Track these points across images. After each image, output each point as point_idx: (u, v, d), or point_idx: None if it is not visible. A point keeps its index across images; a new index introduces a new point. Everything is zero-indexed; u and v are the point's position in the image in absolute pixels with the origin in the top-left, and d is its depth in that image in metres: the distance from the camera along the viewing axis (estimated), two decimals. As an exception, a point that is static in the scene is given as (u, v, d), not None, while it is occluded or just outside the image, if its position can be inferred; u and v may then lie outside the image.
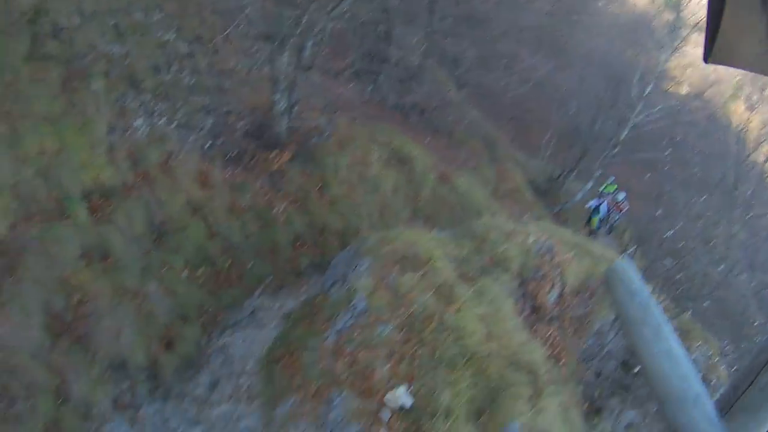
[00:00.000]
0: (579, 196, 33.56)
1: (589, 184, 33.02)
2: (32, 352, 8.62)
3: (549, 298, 13.38)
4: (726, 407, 2.69)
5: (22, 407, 8.07)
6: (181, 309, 12.37)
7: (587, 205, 29.82)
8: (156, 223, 12.77)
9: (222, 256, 13.91)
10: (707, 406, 2.76)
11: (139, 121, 13.09)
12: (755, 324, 23.20)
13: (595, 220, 27.85)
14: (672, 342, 2.99)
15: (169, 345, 11.65)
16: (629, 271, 3.29)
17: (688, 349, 15.53)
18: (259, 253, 14.69)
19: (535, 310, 13.17)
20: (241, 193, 14.84)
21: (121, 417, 9.80)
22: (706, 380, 15.60)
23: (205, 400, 11.47)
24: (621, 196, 28.71)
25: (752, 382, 2.58)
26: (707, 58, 1.44)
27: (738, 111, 46.49)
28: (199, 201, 13.84)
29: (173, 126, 13.88)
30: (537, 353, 11.33)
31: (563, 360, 12.81)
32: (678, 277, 16.99)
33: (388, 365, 10.24)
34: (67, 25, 11.92)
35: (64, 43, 11.74)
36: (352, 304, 11.46)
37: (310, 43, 15.51)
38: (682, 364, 2.92)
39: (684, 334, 15.36)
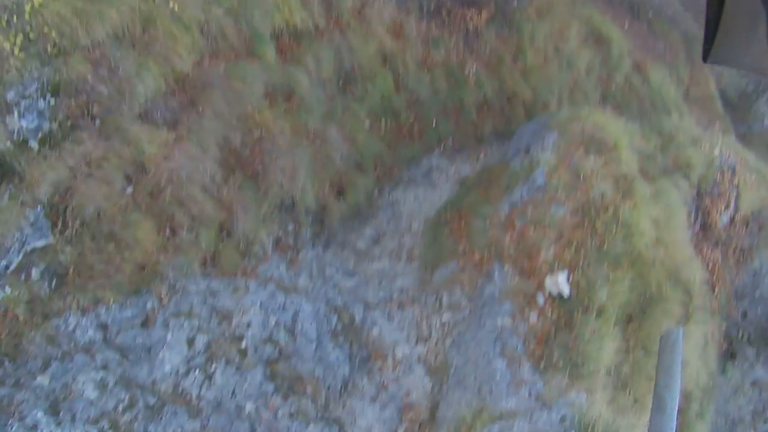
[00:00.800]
0: None
1: None
2: (203, 185, 8.95)
3: (720, 219, 12.68)
4: None
5: (185, 237, 8.52)
6: (359, 157, 12.48)
7: None
8: (344, 69, 12.72)
9: (406, 110, 13.80)
10: None
11: (335, -34, 12.83)
12: None
13: None
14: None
15: (340, 192, 11.85)
16: None
17: None
18: (443, 112, 14.46)
19: (705, 228, 12.59)
20: (434, 49, 14.44)
21: (280, 258, 10.15)
22: None
23: (366, 253, 11.71)
24: None
25: None
26: (706, 57, 1.42)
27: None
28: (391, 51, 13.60)
29: (371, -28, 13.50)
30: (697, 274, 10.88)
31: (717, 289, 12.17)
32: None
33: (555, 248, 10.01)
34: None
35: None
36: (531, 177, 11.24)
37: None
38: None
39: None
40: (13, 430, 6.36)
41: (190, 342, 7.81)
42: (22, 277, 6.99)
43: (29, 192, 6.99)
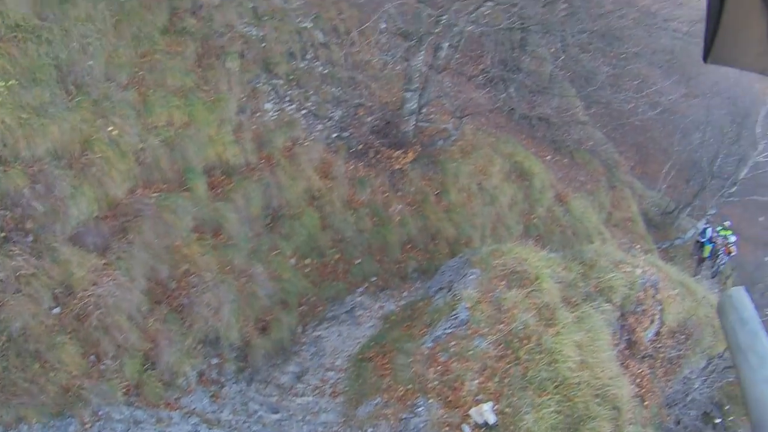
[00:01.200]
0: (690, 234, 33.37)
1: (702, 223, 32.64)
2: (129, 314, 9.00)
3: (646, 334, 13.37)
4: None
5: (110, 364, 8.49)
6: (283, 295, 12.65)
7: (699, 224, 30.72)
8: (272, 207, 13.16)
9: (331, 249, 14.18)
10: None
11: (269, 105, 13.59)
12: None
13: (708, 248, 27.89)
14: (778, 369, 2.85)
15: (264, 328, 11.94)
16: (744, 299, 3.14)
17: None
18: (368, 251, 14.88)
19: (631, 345, 13.20)
20: (360, 189, 15.07)
21: (204, 392, 10.12)
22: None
23: (289, 389, 11.72)
24: (732, 238, 28.38)
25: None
26: (707, 57, 1.46)
27: None
28: (318, 190, 14.15)
29: (302, 113, 14.28)
30: (625, 390, 11.21)
31: (648, 402, 12.68)
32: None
33: (479, 380, 10.31)
34: (207, 2, 12.52)
35: (202, 20, 12.36)
36: (453, 313, 11.61)
37: (446, 45, 15.55)
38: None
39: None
40: None
41: (113, 469, 7.64)
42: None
43: (-42, 297, 6.97)
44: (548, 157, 23.26)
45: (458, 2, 14.25)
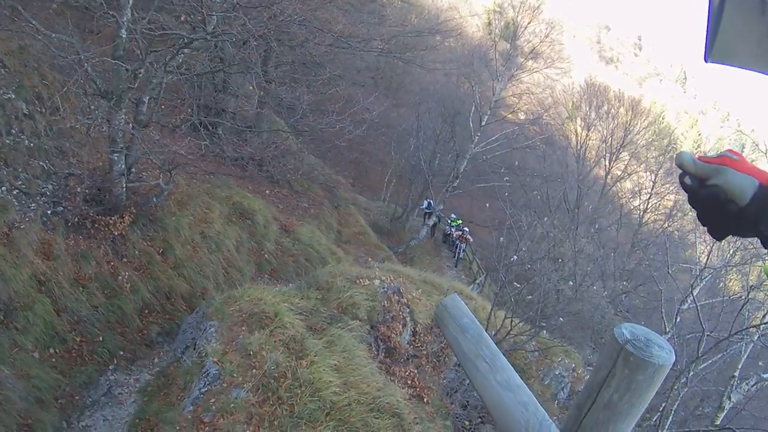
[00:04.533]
0: (423, 232, 38.46)
1: (432, 220, 38.12)
2: None
3: (402, 339, 15.32)
4: (572, 429, 2.89)
5: None
6: (37, 392, 13.30)
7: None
8: (2, 301, 13.79)
9: (72, 333, 15.01)
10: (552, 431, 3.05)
11: (-20, 190, 14.25)
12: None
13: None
14: (509, 372, 3.32)
15: (28, 433, 12.67)
16: (458, 305, 3.77)
17: (549, 364, 18.17)
18: (108, 326, 15.91)
19: (390, 352, 15.00)
20: (85, 263, 16.06)
21: None
22: (573, 391, 18.74)
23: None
24: (465, 228, 34.42)
25: (594, 400, 2.75)
26: (708, 57, 1.58)
27: (576, 131, 52.09)
28: (44, 274, 14.94)
29: (14, 193, 15.05)
30: (397, 395, 12.75)
31: (426, 397, 14.52)
32: (530, 298, 19.44)
33: (249, 429, 11.11)
34: None
35: None
36: (204, 370, 12.53)
37: (146, 98, 16.98)
38: (522, 393, 3.23)
39: (543, 352, 18.47)
40: None
41: None
42: None
43: None
44: (267, 192, 25.71)
45: (153, 53, 15.95)
